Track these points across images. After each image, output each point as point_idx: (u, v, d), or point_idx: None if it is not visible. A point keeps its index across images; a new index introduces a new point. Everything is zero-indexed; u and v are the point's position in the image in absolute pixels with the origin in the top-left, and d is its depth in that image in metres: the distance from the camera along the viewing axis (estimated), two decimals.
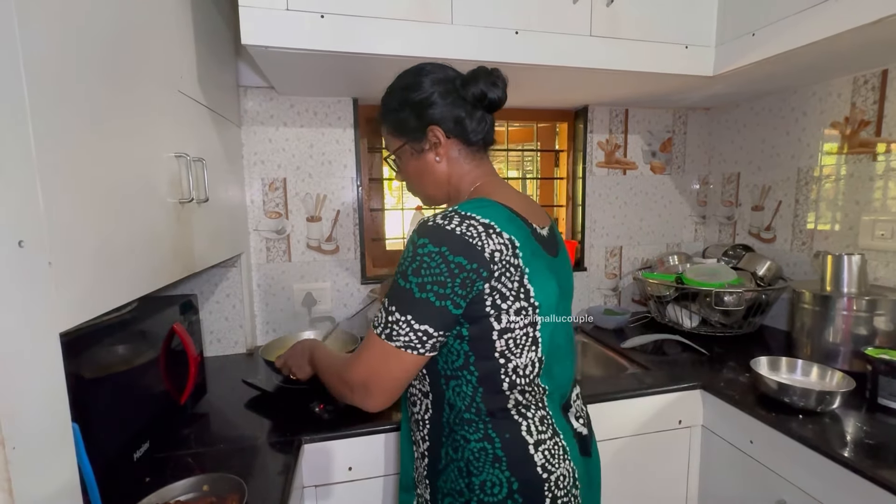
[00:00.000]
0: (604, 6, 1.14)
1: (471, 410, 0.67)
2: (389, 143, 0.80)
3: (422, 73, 0.74)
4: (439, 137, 0.73)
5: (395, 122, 0.76)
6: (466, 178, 0.76)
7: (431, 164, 0.75)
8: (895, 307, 1.11)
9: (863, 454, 0.83)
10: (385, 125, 0.79)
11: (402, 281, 0.63)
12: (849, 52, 1.10)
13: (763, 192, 1.61)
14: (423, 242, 0.61)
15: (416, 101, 0.73)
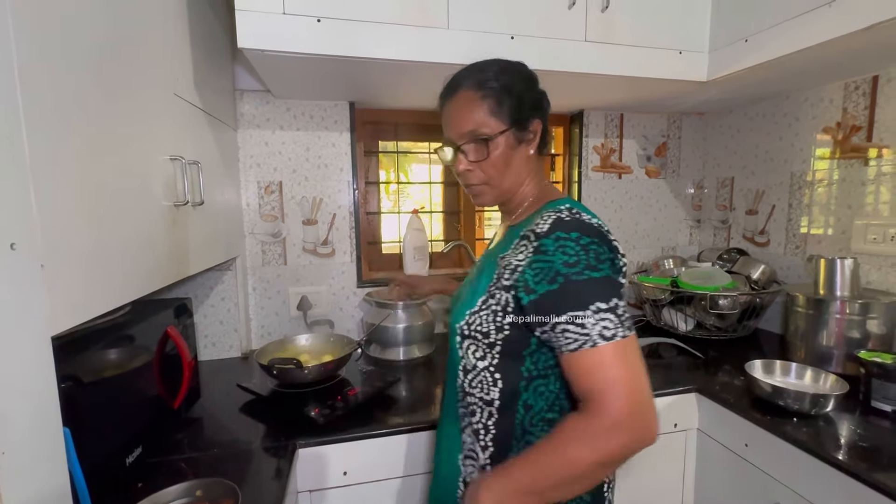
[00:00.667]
0: (598, 12, 1.15)
1: (553, 409, 0.66)
2: (485, 123, 0.69)
3: (533, 73, 0.76)
4: (537, 133, 0.73)
5: (507, 104, 0.70)
6: (532, 181, 0.76)
7: (522, 157, 0.73)
8: (887, 310, 1.12)
9: (857, 457, 0.83)
10: (490, 104, 0.69)
11: (593, 273, 0.58)
12: (840, 58, 1.11)
13: (757, 197, 1.62)
14: (577, 236, 0.60)
15: (534, 93, 0.73)
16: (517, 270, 0.64)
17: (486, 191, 0.74)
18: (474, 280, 0.74)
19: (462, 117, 0.71)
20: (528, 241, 0.65)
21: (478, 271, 0.76)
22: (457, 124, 0.71)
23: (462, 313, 0.71)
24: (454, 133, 0.72)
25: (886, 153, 1.22)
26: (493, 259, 0.71)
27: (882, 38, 0.96)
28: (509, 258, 0.67)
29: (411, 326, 1.41)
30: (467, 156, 0.72)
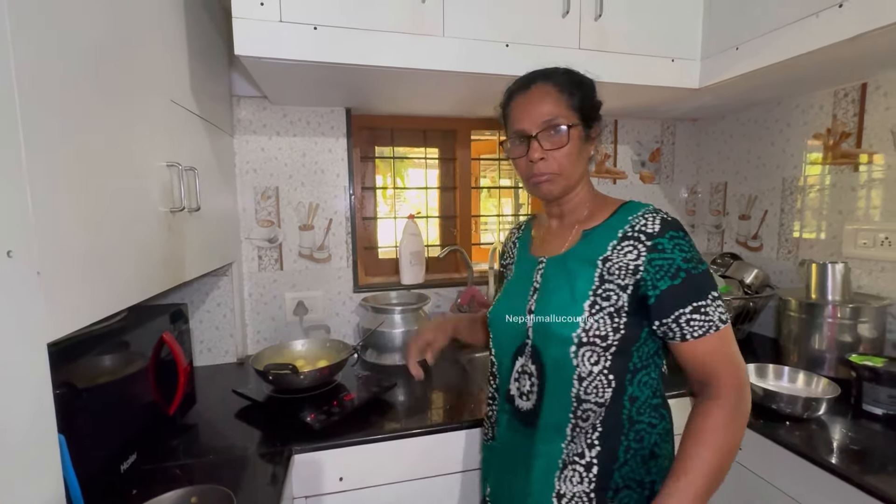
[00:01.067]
0: (592, 20, 1.17)
1: (657, 395, 0.75)
2: (562, 113, 0.73)
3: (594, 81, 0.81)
4: (598, 135, 0.79)
5: (578, 100, 0.75)
6: (587, 182, 0.81)
7: (586, 154, 0.78)
8: (878, 314, 1.13)
9: (849, 460, 0.84)
10: (566, 97, 0.74)
11: (703, 266, 0.68)
12: (829, 67, 1.13)
13: (749, 202, 1.64)
14: (683, 234, 0.70)
15: (596, 98, 0.79)
16: (638, 270, 0.69)
17: (557, 180, 0.75)
18: (560, 287, 0.74)
19: (539, 107, 0.74)
20: (637, 242, 0.69)
21: (559, 277, 0.75)
22: (532, 114, 0.74)
23: (573, 323, 0.70)
24: (528, 123, 0.74)
25: (876, 159, 1.24)
26: (580, 263, 0.74)
27: (868, 48, 0.98)
28: (616, 260, 0.70)
29: (408, 331, 1.41)
30: (542, 144, 0.73)
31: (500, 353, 0.83)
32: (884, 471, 0.81)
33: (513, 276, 0.86)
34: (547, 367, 0.74)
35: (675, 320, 0.67)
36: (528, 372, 0.77)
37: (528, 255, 0.85)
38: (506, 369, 0.81)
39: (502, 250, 0.97)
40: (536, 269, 0.80)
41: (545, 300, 0.76)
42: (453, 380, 1.30)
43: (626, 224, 0.72)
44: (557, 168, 0.74)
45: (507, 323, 0.80)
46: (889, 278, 1.22)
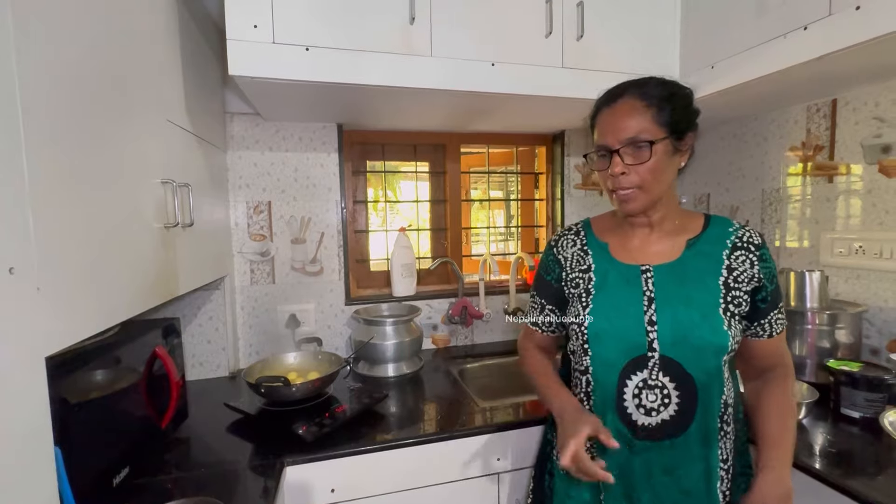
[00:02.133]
0: (574, 40, 1.22)
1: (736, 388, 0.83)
2: (647, 129, 0.73)
3: (691, 89, 0.81)
4: (691, 145, 0.78)
5: (668, 113, 0.74)
6: (672, 194, 0.81)
7: (674, 167, 0.77)
8: (853, 320, 1.17)
9: (828, 463, 0.87)
10: (653, 112, 0.73)
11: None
12: (800, 84, 1.19)
13: (732, 212, 1.68)
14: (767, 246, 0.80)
15: (691, 108, 0.78)
16: (755, 277, 0.78)
17: (638, 196, 0.75)
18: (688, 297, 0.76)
19: (624, 123, 0.74)
20: (748, 252, 0.79)
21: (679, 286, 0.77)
22: (617, 129, 0.74)
23: (723, 332, 0.74)
24: (613, 138, 0.75)
25: (847, 170, 1.29)
26: (701, 272, 0.78)
27: (834, 67, 1.03)
28: (739, 269, 0.78)
29: (400, 343, 1.42)
30: (623, 159, 0.74)
31: (604, 371, 0.78)
32: (863, 473, 0.83)
33: (605, 286, 0.81)
34: (696, 378, 0.74)
35: (770, 320, 0.81)
36: (656, 385, 0.75)
37: (618, 262, 0.82)
38: (611, 386, 0.77)
39: (554, 258, 0.90)
40: (642, 277, 0.79)
41: (673, 310, 0.76)
42: (445, 390, 1.31)
43: (733, 235, 0.80)
44: (639, 182, 0.74)
45: (620, 337, 0.77)
46: (864, 285, 1.26)
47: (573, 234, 0.90)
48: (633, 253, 0.82)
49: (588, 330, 0.79)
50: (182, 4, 1.03)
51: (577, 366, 0.84)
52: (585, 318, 0.80)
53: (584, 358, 0.81)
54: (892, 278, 1.20)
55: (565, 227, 0.93)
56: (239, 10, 0.99)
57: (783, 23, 1.02)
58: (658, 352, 0.75)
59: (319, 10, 1.04)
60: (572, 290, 0.85)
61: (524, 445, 1.11)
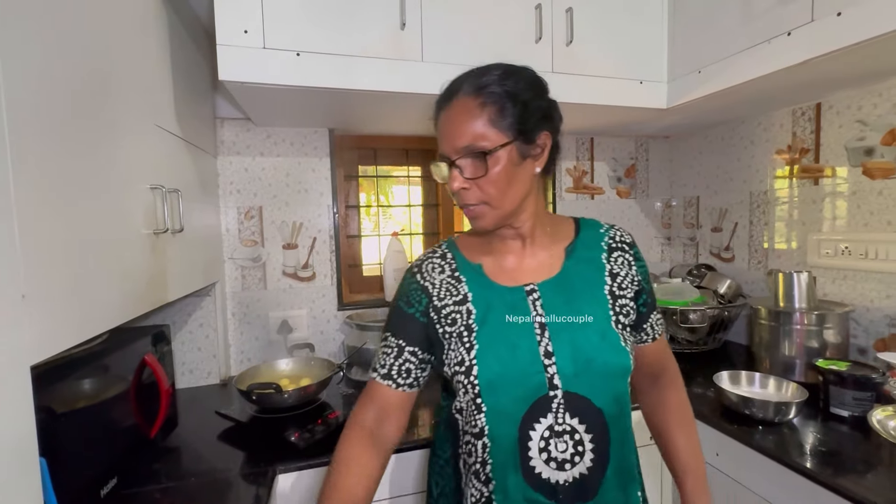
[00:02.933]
0: (563, 46, 1.23)
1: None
2: (484, 135, 0.61)
3: (542, 79, 0.68)
4: (545, 148, 0.66)
5: (511, 113, 0.61)
6: (534, 202, 0.69)
7: (528, 173, 0.65)
8: (841, 320, 1.19)
9: (818, 462, 0.87)
10: (491, 112, 0.61)
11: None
12: (785, 88, 1.21)
13: (721, 215, 1.70)
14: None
15: (542, 101, 0.65)
16: (634, 279, 0.72)
17: (486, 212, 0.65)
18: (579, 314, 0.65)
19: (458, 128, 0.62)
20: (623, 252, 0.73)
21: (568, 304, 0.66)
22: (452, 137, 0.62)
23: (623, 349, 0.65)
24: (448, 147, 0.63)
25: (832, 173, 1.31)
26: (587, 282, 0.68)
27: (818, 72, 1.05)
28: (621, 272, 0.71)
29: None
30: (462, 172, 0.63)
31: (501, 426, 0.62)
32: (853, 472, 0.84)
33: (489, 317, 0.66)
34: (605, 412, 0.63)
35: (651, 323, 0.75)
36: (564, 431, 0.61)
37: (497, 286, 0.68)
38: (511, 444, 0.61)
39: (418, 286, 0.72)
40: (528, 299, 0.66)
41: (569, 334, 0.64)
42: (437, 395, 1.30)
43: (605, 236, 0.73)
44: (483, 197, 0.63)
45: (516, 380, 0.62)
46: (850, 286, 1.28)
47: (438, 258, 0.74)
48: (511, 272, 0.70)
49: (479, 379, 0.62)
50: (171, 9, 1.03)
51: (467, 428, 0.65)
52: (473, 364, 0.63)
53: (478, 417, 0.63)
54: (877, 278, 1.22)
55: (429, 249, 0.77)
56: (229, 15, 0.98)
57: (768, 29, 1.04)
58: (561, 388, 0.62)
59: (310, 16, 1.04)
60: (448, 329, 0.67)
61: None
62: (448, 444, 0.72)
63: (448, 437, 0.72)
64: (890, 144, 1.18)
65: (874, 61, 1.01)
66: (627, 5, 1.30)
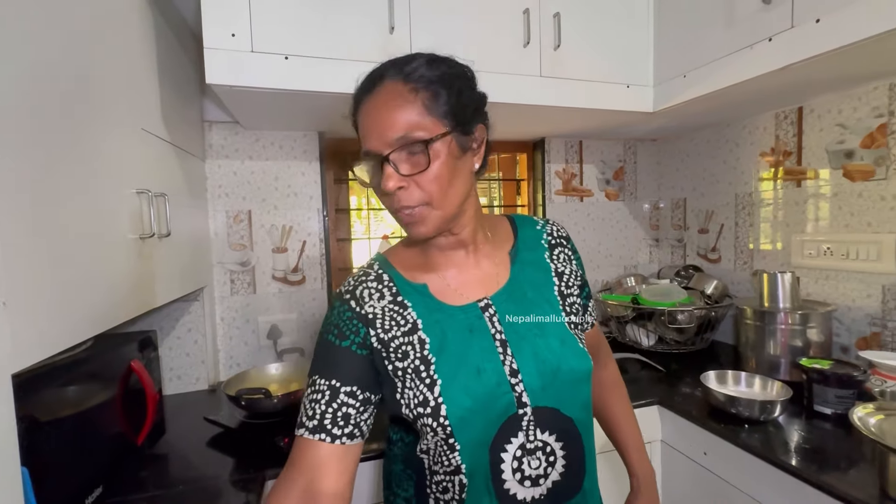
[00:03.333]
0: (551, 50, 1.24)
1: None
2: (420, 123, 0.54)
3: (470, 69, 0.62)
4: (482, 143, 0.61)
5: (445, 100, 0.55)
6: (471, 205, 0.63)
7: (468, 169, 0.59)
8: (824, 319, 1.21)
9: (802, 459, 0.89)
10: (424, 98, 0.55)
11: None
12: (768, 92, 1.23)
13: (707, 216, 1.73)
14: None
15: (475, 93, 0.61)
16: (577, 273, 0.72)
17: (427, 214, 0.57)
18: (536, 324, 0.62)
19: (388, 118, 0.54)
20: (562, 247, 0.71)
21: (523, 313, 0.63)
22: (382, 128, 0.54)
23: (583, 352, 0.63)
24: (378, 140, 0.55)
25: (814, 175, 1.34)
26: (536, 287, 0.66)
27: (798, 77, 1.08)
28: (566, 270, 0.70)
29: None
30: (398, 168, 0.54)
31: (475, 458, 0.57)
32: (836, 468, 0.85)
33: (445, 344, 0.59)
34: (575, 419, 0.61)
35: (590, 311, 0.75)
36: (536, 448, 0.59)
37: (448, 307, 0.62)
38: (484, 471, 0.57)
39: (354, 315, 0.61)
40: (484, 316, 0.61)
41: (531, 347, 0.60)
42: None
43: (544, 232, 0.71)
44: (425, 197, 0.56)
45: (485, 408, 0.57)
46: (833, 285, 1.31)
47: (373, 281, 0.63)
48: (458, 288, 0.63)
49: (449, 419, 0.55)
50: (157, 12, 1.02)
51: (437, 468, 0.59)
52: (440, 404, 0.55)
53: (452, 455, 0.57)
54: (858, 278, 1.24)
55: (357, 273, 0.66)
56: (216, 19, 0.98)
57: (750, 34, 1.06)
58: (529, 405, 0.58)
59: (299, 19, 1.04)
60: (398, 364, 0.59)
61: None
62: (410, 484, 0.63)
63: (410, 476, 0.63)
64: (869, 147, 1.20)
65: (852, 66, 1.03)
66: (614, 10, 1.31)
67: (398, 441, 0.67)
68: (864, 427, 0.79)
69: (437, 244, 0.64)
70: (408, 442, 0.64)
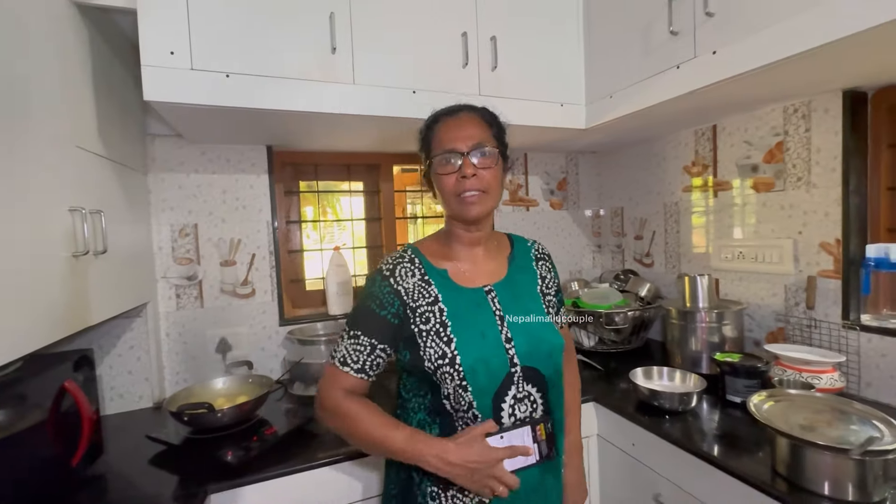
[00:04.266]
0: (489, 71, 1.32)
1: None
2: (489, 140, 0.82)
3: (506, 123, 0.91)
4: (508, 169, 0.89)
5: (498, 134, 0.86)
6: (492, 214, 0.89)
7: (502, 183, 0.86)
8: (736, 317, 1.35)
9: (712, 445, 0.99)
10: (488, 128, 0.84)
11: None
12: (685, 112, 1.36)
13: (641, 224, 1.86)
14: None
15: (505, 138, 0.89)
16: (553, 280, 0.95)
17: (483, 199, 0.80)
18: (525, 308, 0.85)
19: (470, 130, 0.81)
20: (544, 261, 0.95)
21: (515, 300, 0.85)
22: (464, 135, 0.80)
23: (557, 331, 0.87)
24: (460, 142, 0.80)
25: (728, 187, 1.49)
26: (526, 285, 0.89)
27: (706, 100, 1.20)
28: (547, 277, 0.94)
29: None
30: (473, 161, 0.79)
31: (483, 399, 0.76)
32: (741, 451, 0.95)
33: (459, 314, 0.80)
34: (548, 377, 0.82)
35: (562, 313, 0.97)
36: (524, 396, 0.79)
37: (462, 288, 0.83)
38: (487, 410, 0.76)
39: (391, 290, 0.81)
40: (488, 297, 0.83)
41: (521, 324, 0.82)
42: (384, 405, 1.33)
43: (532, 249, 0.96)
44: (486, 186, 0.80)
45: (489, 363, 0.77)
46: (745, 286, 1.45)
47: (408, 263, 0.84)
48: (470, 276, 0.85)
49: (462, 366, 0.76)
50: (94, 29, 1.02)
51: (459, 407, 0.77)
52: (455, 355, 0.76)
53: (465, 395, 0.76)
54: (766, 279, 1.39)
55: (395, 255, 0.86)
56: (154, 37, 0.99)
57: (662, 62, 1.18)
58: (519, 365, 0.79)
59: (239, 38, 1.06)
60: (422, 327, 0.79)
61: None
62: (435, 427, 0.81)
63: (433, 422, 0.81)
64: (770, 162, 1.35)
65: (749, 92, 1.17)
66: (548, 35, 1.41)
67: (412, 398, 0.85)
68: (757, 412, 0.89)
69: (461, 239, 0.87)
70: (423, 395, 0.82)
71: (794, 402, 0.93)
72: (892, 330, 1.11)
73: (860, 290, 1.18)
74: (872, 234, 1.20)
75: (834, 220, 1.21)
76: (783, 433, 0.82)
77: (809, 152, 1.25)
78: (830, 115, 1.20)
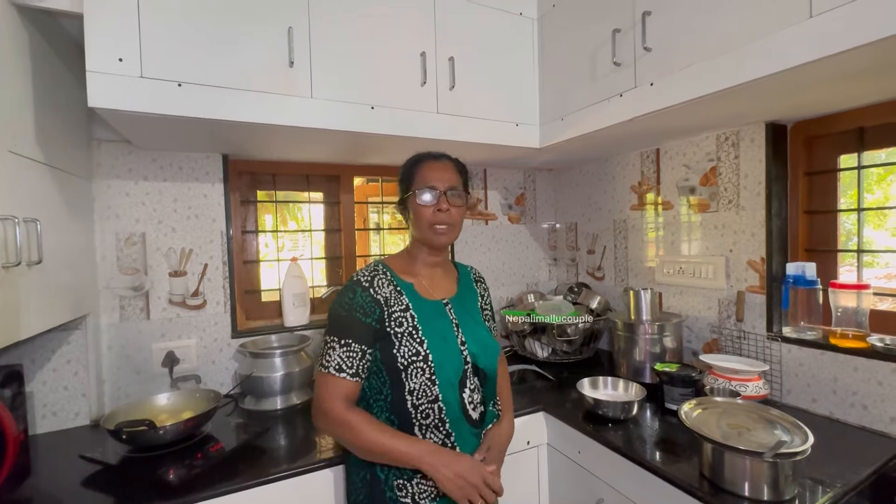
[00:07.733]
0: (447, 90, 1.36)
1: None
2: (460, 186, 1.02)
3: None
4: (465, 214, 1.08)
5: (465, 182, 1.06)
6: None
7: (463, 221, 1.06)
8: (676, 329, 1.43)
9: (649, 451, 1.05)
10: (461, 176, 1.04)
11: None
12: (630, 136, 1.45)
13: (593, 239, 1.95)
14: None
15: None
16: (487, 300, 1.16)
17: (450, 232, 1.00)
18: (472, 320, 1.04)
19: (448, 174, 1.01)
20: (479, 284, 1.16)
21: (465, 313, 1.04)
22: (444, 177, 0.99)
23: (494, 339, 1.08)
24: (441, 182, 0.98)
25: (670, 206, 1.59)
26: (470, 302, 1.09)
27: (648, 125, 1.29)
28: (483, 296, 1.15)
29: (289, 374, 1.41)
30: (448, 200, 0.98)
31: (449, 391, 0.94)
32: (674, 457, 1.02)
33: (426, 321, 0.96)
34: (489, 374, 1.01)
35: (494, 326, 1.16)
36: (475, 388, 0.99)
37: (426, 300, 0.99)
38: (455, 400, 0.94)
39: (371, 299, 0.93)
40: (446, 308, 1.01)
41: (471, 331, 1.01)
42: None
43: (471, 273, 1.16)
44: (454, 221, 1.00)
45: (451, 360, 0.95)
46: (685, 299, 1.54)
47: (382, 275, 0.98)
48: (431, 290, 1.03)
49: (434, 362, 0.93)
50: (35, 31, 0.98)
51: (423, 399, 0.92)
52: (428, 353, 0.93)
53: (433, 388, 0.92)
54: (702, 293, 1.49)
55: (369, 269, 0.99)
56: (101, 43, 0.97)
57: (607, 90, 1.26)
58: (471, 363, 0.98)
59: (193, 48, 1.05)
60: (397, 329, 0.93)
61: None
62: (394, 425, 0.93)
63: (392, 422, 0.93)
64: (705, 185, 1.46)
65: (684, 120, 1.26)
66: (505, 57, 1.48)
67: (379, 397, 0.95)
68: (687, 419, 0.96)
69: (425, 260, 1.04)
70: (383, 397, 0.94)
71: (720, 409, 1.01)
72: (808, 341, 1.22)
73: (781, 304, 1.29)
74: (792, 254, 1.32)
75: (759, 240, 1.32)
76: (707, 439, 0.88)
77: (738, 177, 1.37)
78: (756, 144, 1.31)
